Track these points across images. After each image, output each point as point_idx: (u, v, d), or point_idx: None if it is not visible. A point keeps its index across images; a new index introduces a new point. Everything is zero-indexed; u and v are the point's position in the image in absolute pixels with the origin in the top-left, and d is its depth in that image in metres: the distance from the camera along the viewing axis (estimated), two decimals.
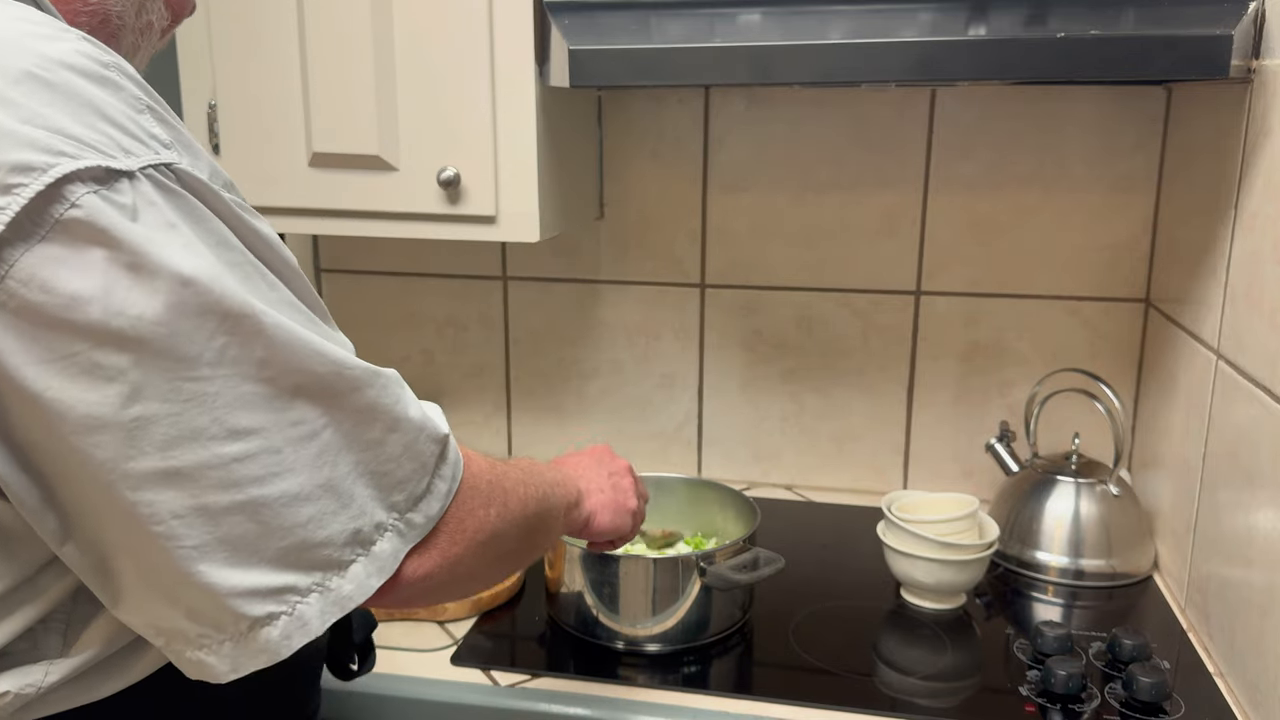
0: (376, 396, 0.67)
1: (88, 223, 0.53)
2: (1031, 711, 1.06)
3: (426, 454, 0.70)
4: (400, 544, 0.69)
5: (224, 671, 0.63)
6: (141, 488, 0.57)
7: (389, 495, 0.68)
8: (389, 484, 0.68)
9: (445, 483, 0.72)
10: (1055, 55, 1.08)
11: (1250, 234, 1.09)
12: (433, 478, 0.71)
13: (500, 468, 0.82)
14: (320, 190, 1.33)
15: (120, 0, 0.71)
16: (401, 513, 0.69)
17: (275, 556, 0.62)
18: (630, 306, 1.65)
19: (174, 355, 0.56)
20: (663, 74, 1.18)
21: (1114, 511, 1.35)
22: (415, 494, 0.70)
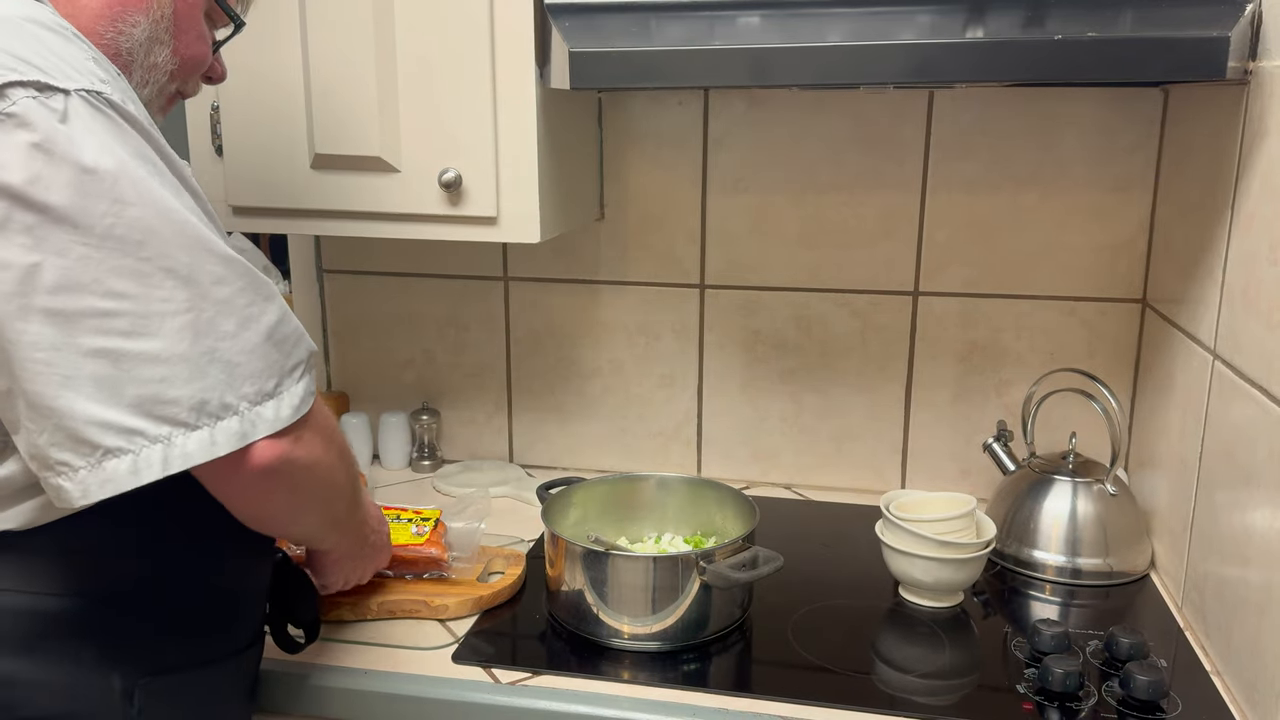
0: (233, 295, 0.80)
1: (20, 116, 0.72)
2: (1029, 709, 1.06)
3: (274, 360, 0.82)
4: (247, 428, 0.80)
5: (76, 496, 0.76)
6: (29, 319, 0.73)
7: (238, 384, 0.80)
8: (239, 374, 0.80)
9: (294, 397, 0.84)
10: (1053, 57, 1.09)
11: (1247, 235, 1.10)
12: (281, 382, 0.83)
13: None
14: (322, 192, 1.33)
15: (130, 39, 0.89)
16: (251, 403, 0.80)
17: (131, 402, 0.76)
18: (630, 306, 1.66)
19: (70, 222, 0.73)
20: (663, 76, 1.19)
21: (1111, 511, 1.35)
22: (264, 390, 0.81)
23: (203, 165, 1.37)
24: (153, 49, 0.91)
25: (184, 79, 0.97)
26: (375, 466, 1.74)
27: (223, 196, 1.37)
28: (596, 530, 1.32)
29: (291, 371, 0.84)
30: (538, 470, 1.72)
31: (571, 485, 1.35)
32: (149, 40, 0.90)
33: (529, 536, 1.45)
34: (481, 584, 1.27)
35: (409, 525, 1.30)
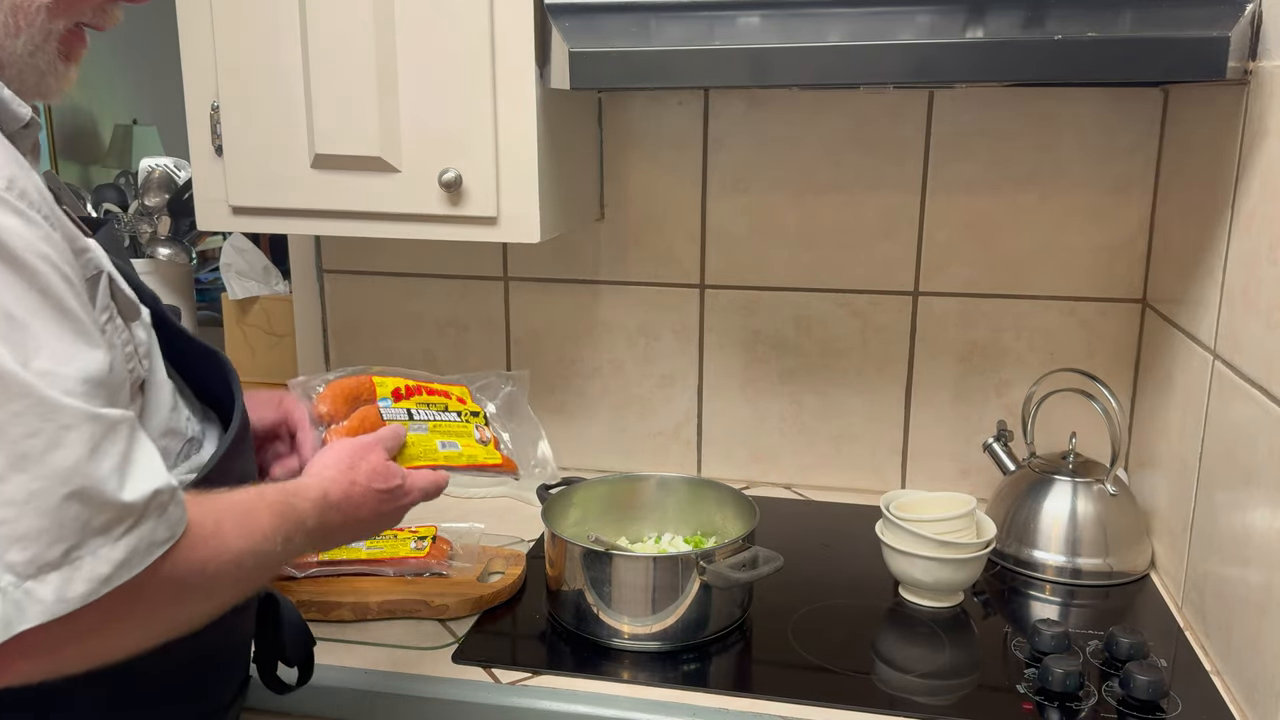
0: (4, 422, 0.59)
1: None
2: (1029, 709, 1.06)
3: (70, 517, 0.60)
4: (12, 615, 0.59)
5: None
6: None
7: (2, 550, 0.59)
8: (3, 535, 0.58)
9: (106, 565, 0.61)
10: (1052, 57, 1.09)
11: (1247, 234, 1.10)
12: (77, 550, 0.60)
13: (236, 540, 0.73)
14: (322, 192, 1.33)
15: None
16: (20, 576, 0.59)
17: None
18: (630, 307, 1.66)
19: None
20: (663, 76, 1.19)
21: (1111, 511, 1.35)
22: (46, 561, 0.59)
23: (203, 165, 1.38)
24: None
25: (69, 11, 0.75)
26: None
27: (223, 196, 1.37)
28: (596, 530, 1.32)
29: (106, 529, 0.61)
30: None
31: (571, 485, 1.35)
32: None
33: (529, 536, 1.45)
34: (481, 584, 1.28)
35: (408, 541, 1.30)
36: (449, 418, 1.11)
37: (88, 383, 0.63)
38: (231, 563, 0.71)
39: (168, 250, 1.86)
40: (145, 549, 0.64)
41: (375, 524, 0.96)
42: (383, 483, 0.95)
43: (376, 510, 0.94)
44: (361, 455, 0.95)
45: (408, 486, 0.98)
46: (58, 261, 0.65)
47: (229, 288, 1.82)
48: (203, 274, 3.22)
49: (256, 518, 0.75)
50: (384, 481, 0.95)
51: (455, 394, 1.15)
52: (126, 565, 0.62)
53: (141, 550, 0.64)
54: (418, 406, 1.10)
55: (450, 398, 1.13)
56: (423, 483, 1.00)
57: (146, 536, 0.64)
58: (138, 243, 1.87)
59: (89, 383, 0.63)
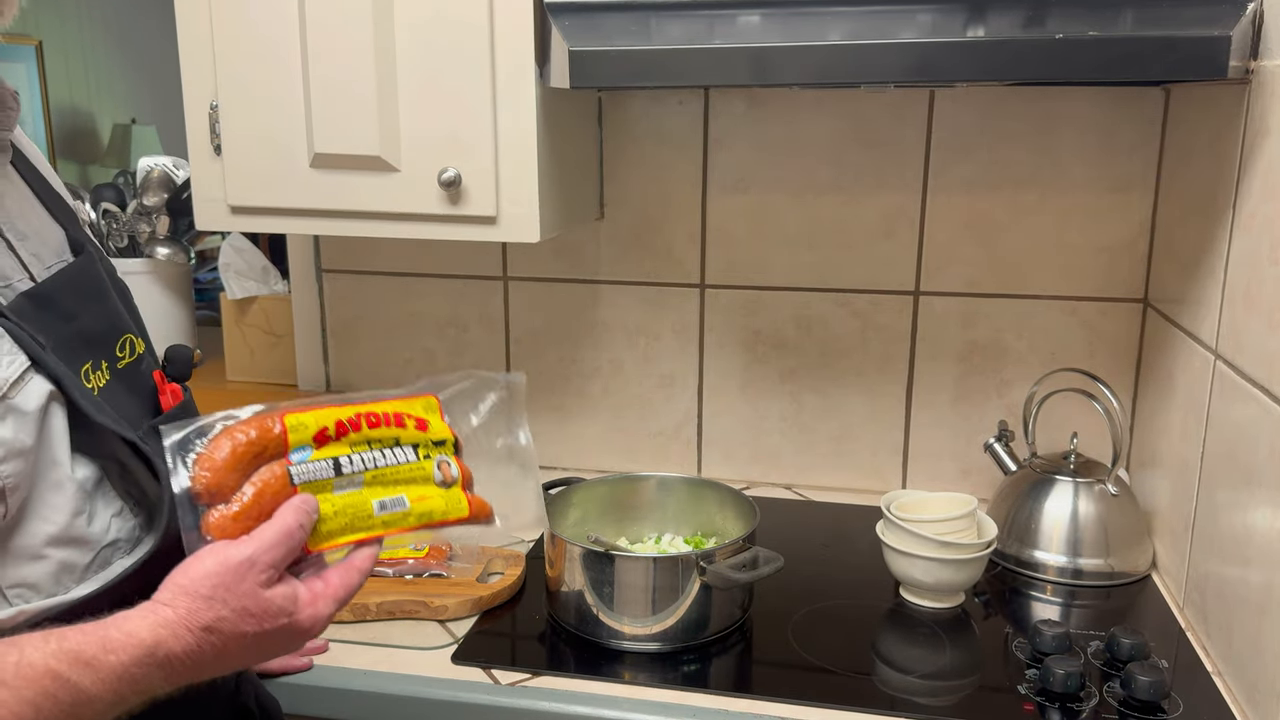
0: None
1: None
2: (1030, 710, 1.06)
3: None
4: None
5: None
6: None
7: None
8: None
9: None
10: (1053, 56, 1.09)
11: (1248, 234, 1.10)
12: None
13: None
14: (322, 191, 1.33)
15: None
16: None
17: None
18: (630, 306, 1.66)
19: None
20: (663, 75, 1.19)
21: (1112, 511, 1.35)
22: None
23: (202, 164, 1.37)
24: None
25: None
26: None
27: (222, 196, 1.37)
28: (596, 530, 1.31)
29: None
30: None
31: (571, 485, 1.35)
32: None
33: (529, 537, 1.44)
34: (481, 584, 1.27)
35: (407, 542, 1.30)
36: (396, 458, 0.83)
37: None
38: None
39: (166, 250, 1.85)
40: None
41: (251, 660, 0.75)
42: (255, 625, 0.71)
43: (251, 650, 0.73)
44: (234, 579, 0.71)
45: (298, 624, 0.74)
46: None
47: (228, 287, 1.81)
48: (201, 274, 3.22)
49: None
50: (257, 623, 0.71)
51: (415, 414, 0.85)
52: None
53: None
54: (353, 449, 0.81)
55: (405, 425, 0.84)
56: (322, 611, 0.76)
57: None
58: (136, 242, 1.86)
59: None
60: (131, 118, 5.69)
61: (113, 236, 1.86)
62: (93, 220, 1.86)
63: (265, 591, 0.72)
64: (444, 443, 0.86)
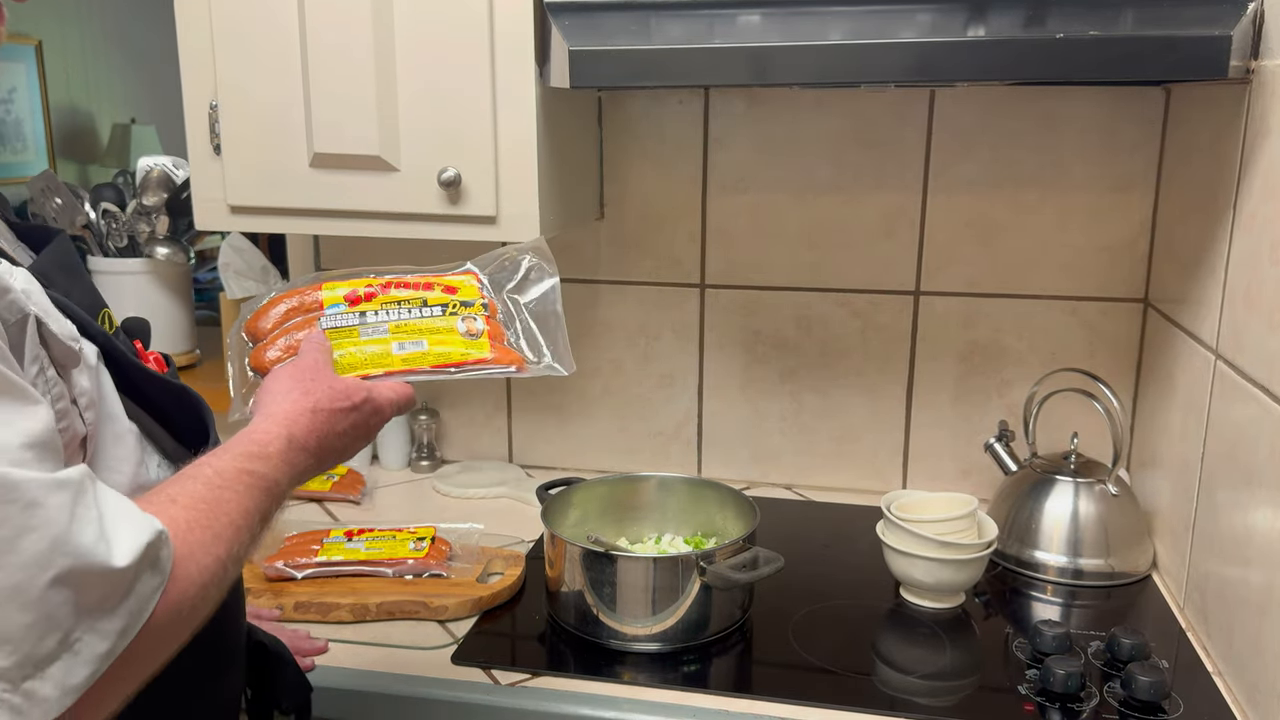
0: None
1: None
2: (1030, 710, 1.06)
3: (58, 603, 0.54)
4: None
5: None
6: None
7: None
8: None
9: (106, 640, 0.56)
10: (1054, 56, 1.09)
11: (1249, 234, 1.09)
12: (73, 633, 0.54)
13: (216, 532, 0.66)
14: (321, 191, 1.33)
15: None
16: (14, 683, 0.52)
17: None
18: (630, 306, 1.65)
19: None
20: (663, 75, 1.19)
21: (1112, 511, 1.35)
22: (37, 655, 0.53)
23: (201, 164, 1.37)
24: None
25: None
26: (374, 467, 1.73)
27: (221, 195, 1.37)
28: (596, 531, 1.31)
29: (101, 603, 0.56)
30: (537, 470, 1.71)
31: (571, 485, 1.35)
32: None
33: (529, 537, 1.44)
34: (481, 585, 1.27)
35: (406, 542, 1.30)
36: (421, 315, 0.92)
37: (34, 447, 0.56)
38: (211, 579, 0.64)
39: (166, 250, 1.85)
40: (140, 608, 0.58)
41: (348, 450, 0.86)
42: (345, 400, 0.83)
43: (348, 434, 0.84)
44: (311, 376, 0.84)
45: (376, 400, 0.86)
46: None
47: (227, 287, 1.81)
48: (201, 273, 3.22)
49: (223, 510, 0.67)
50: (347, 399, 0.84)
51: (444, 282, 0.95)
52: (125, 633, 0.57)
53: (137, 610, 0.58)
54: (381, 307, 0.92)
55: (434, 288, 0.93)
56: (389, 394, 0.87)
57: (142, 594, 0.58)
58: (136, 242, 1.86)
59: (36, 446, 0.57)
60: (131, 117, 5.69)
61: (112, 236, 1.86)
62: (92, 220, 1.86)
63: (339, 378, 0.85)
64: (472, 303, 0.93)
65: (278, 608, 1.21)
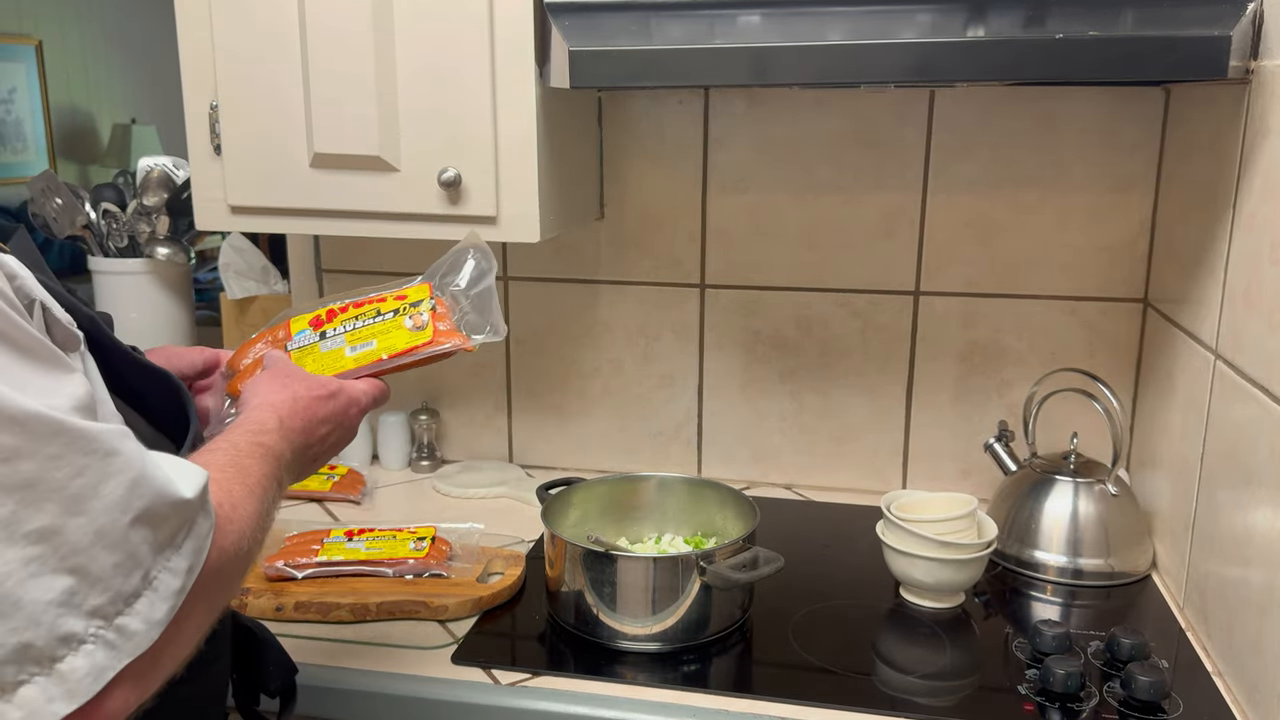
0: (41, 470, 0.54)
1: None
2: (1030, 710, 1.06)
3: (139, 541, 0.58)
4: (109, 659, 0.56)
5: None
6: None
7: (81, 598, 0.55)
8: (79, 584, 0.55)
9: (178, 577, 0.60)
10: (1054, 56, 1.09)
11: (1249, 234, 1.10)
12: (152, 571, 0.59)
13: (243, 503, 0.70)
14: (321, 191, 1.33)
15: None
16: (108, 619, 0.56)
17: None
18: (630, 306, 1.66)
19: None
20: (663, 75, 1.19)
21: (1112, 511, 1.35)
22: (125, 592, 0.57)
23: (202, 165, 1.37)
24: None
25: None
26: (375, 467, 1.73)
27: (221, 196, 1.37)
28: (596, 530, 1.31)
29: (171, 539, 0.60)
30: (537, 470, 1.72)
31: (571, 485, 1.35)
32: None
33: (529, 537, 1.44)
34: (481, 584, 1.27)
35: (406, 542, 1.30)
36: (371, 320, 1.01)
37: (83, 409, 0.60)
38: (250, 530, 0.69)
39: (166, 250, 1.85)
40: (200, 546, 0.62)
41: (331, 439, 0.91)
42: (321, 389, 0.91)
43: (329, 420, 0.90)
44: (284, 375, 0.92)
45: (349, 389, 0.94)
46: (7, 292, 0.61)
47: (227, 287, 1.81)
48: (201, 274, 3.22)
49: (249, 473, 0.73)
50: (322, 388, 0.91)
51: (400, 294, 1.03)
52: (191, 570, 0.61)
53: (198, 548, 0.62)
54: (339, 324, 1.01)
55: (386, 299, 1.03)
56: (363, 385, 0.96)
57: (199, 533, 0.62)
58: (136, 242, 1.86)
59: (81, 409, 0.59)
60: (131, 118, 5.69)
61: (113, 236, 1.86)
62: (93, 220, 1.86)
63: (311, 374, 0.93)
64: (420, 303, 1.01)
65: (278, 607, 1.21)
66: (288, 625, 1.20)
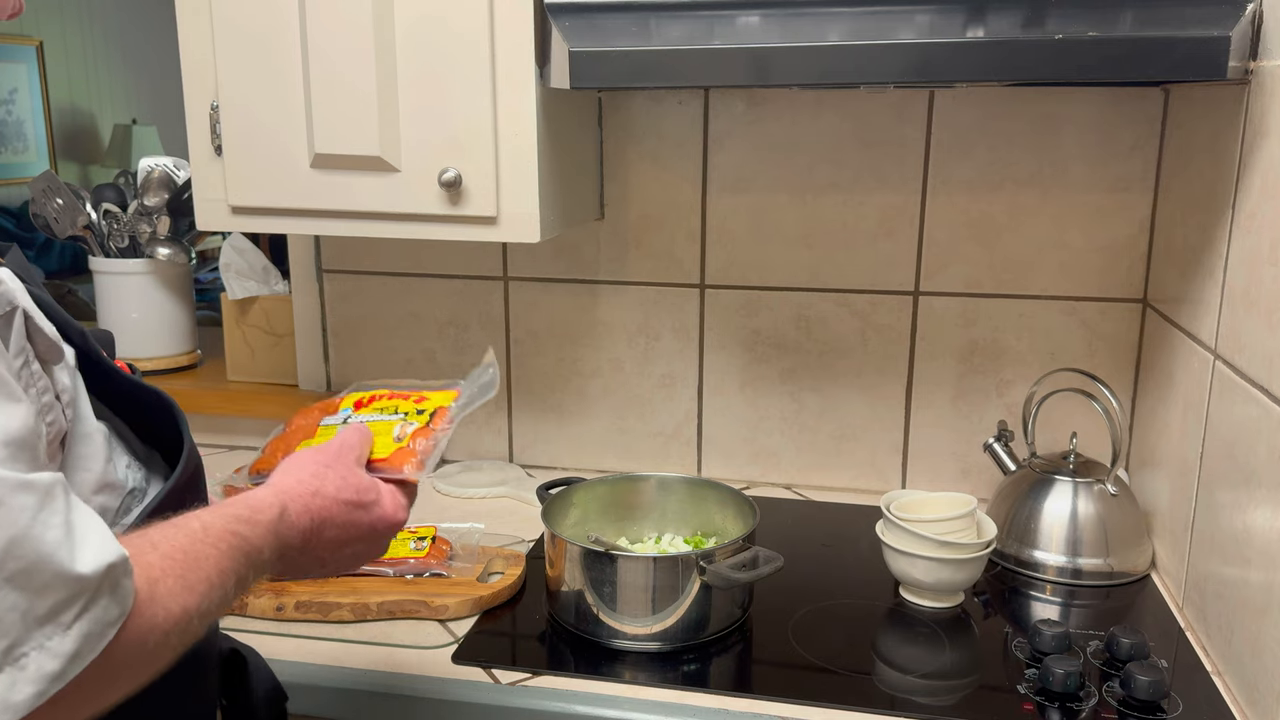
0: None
1: None
2: (1029, 710, 1.06)
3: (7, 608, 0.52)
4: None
5: None
6: None
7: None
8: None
9: (56, 660, 0.53)
10: (1053, 56, 1.09)
11: (1248, 234, 1.10)
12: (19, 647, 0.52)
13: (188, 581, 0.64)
14: (322, 191, 1.33)
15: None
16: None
17: None
18: (630, 306, 1.66)
19: None
20: (662, 75, 1.19)
21: (1112, 511, 1.35)
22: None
23: (202, 165, 1.37)
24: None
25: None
26: None
27: (222, 196, 1.37)
28: (596, 530, 1.31)
29: (54, 615, 0.54)
30: (538, 470, 1.72)
31: (571, 485, 1.35)
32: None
33: (529, 536, 1.44)
34: (481, 584, 1.27)
35: (407, 542, 1.30)
36: (382, 417, 1.01)
37: (9, 445, 0.56)
38: (175, 628, 0.62)
39: (167, 250, 1.85)
40: (99, 632, 0.55)
41: (351, 549, 0.84)
42: (353, 494, 0.82)
43: (350, 529, 0.83)
44: (329, 462, 0.84)
45: (385, 507, 0.85)
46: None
47: (228, 288, 1.82)
48: (202, 274, 3.22)
49: (200, 565, 0.65)
50: (355, 494, 0.82)
51: (422, 396, 1.03)
52: (78, 657, 0.54)
53: (95, 635, 0.55)
54: (369, 411, 1.01)
55: (409, 398, 1.03)
56: (403, 501, 0.88)
57: (99, 618, 0.55)
58: (137, 242, 1.86)
59: (10, 445, 0.56)
60: (132, 118, 5.69)
61: (114, 237, 1.86)
62: (94, 221, 1.87)
63: (358, 469, 0.86)
64: (423, 413, 1.01)
65: (279, 607, 1.21)
66: (288, 625, 1.20)
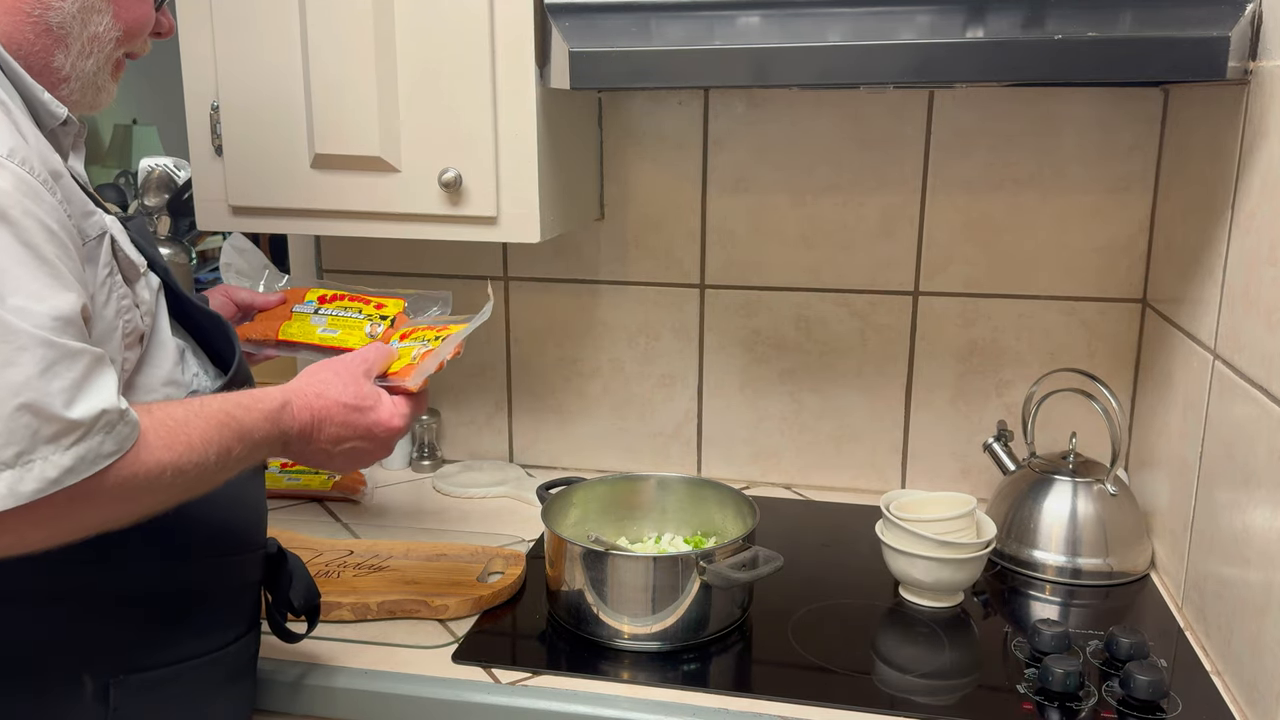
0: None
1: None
2: (1029, 709, 1.06)
3: (20, 425, 0.70)
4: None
5: None
6: None
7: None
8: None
9: (54, 469, 0.71)
10: (1053, 57, 1.09)
11: (1247, 234, 1.10)
12: (28, 455, 0.71)
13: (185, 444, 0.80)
14: (322, 192, 1.33)
15: (60, 13, 0.84)
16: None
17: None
18: (630, 306, 1.66)
19: None
20: (662, 76, 1.19)
21: (1111, 510, 1.35)
22: (1, 460, 0.71)
23: (203, 165, 1.38)
24: (90, 19, 0.86)
25: (130, 42, 0.92)
26: (376, 467, 1.73)
27: (222, 196, 1.37)
28: (596, 530, 1.32)
29: (55, 439, 0.72)
30: (538, 470, 1.72)
31: (571, 485, 1.35)
32: (83, 10, 0.85)
33: (529, 536, 1.45)
34: (482, 584, 1.28)
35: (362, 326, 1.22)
36: (349, 314, 1.21)
37: (58, 320, 0.73)
38: (154, 474, 0.78)
39: (167, 250, 1.86)
40: (92, 459, 0.73)
41: (349, 445, 0.99)
42: (353, 399, 0.99)
43: (348, 427, 0.98)
44: (338, 371, 1.00)
45: (382, 410, 1.01)
46: (43, 217, 0.75)
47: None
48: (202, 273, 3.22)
49: (185, 431, 0.81)
50: (355, 399, 0.99)
51: (379, 300, 1.22)
52: (73, 471, 0.72)
53: (89, 460, 0.73)
54: (334, 307, 1.22)
55: (369, 302, 1.22)
56: (401, 409, 1.02)
57: (94, 449, 0.73)
58: None
59: (59, 320, 0.73)
60: (132, 118, 5.69)
61: None
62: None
63: (364, 380, 1.01)
64: (386, 317, 1.20)
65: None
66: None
